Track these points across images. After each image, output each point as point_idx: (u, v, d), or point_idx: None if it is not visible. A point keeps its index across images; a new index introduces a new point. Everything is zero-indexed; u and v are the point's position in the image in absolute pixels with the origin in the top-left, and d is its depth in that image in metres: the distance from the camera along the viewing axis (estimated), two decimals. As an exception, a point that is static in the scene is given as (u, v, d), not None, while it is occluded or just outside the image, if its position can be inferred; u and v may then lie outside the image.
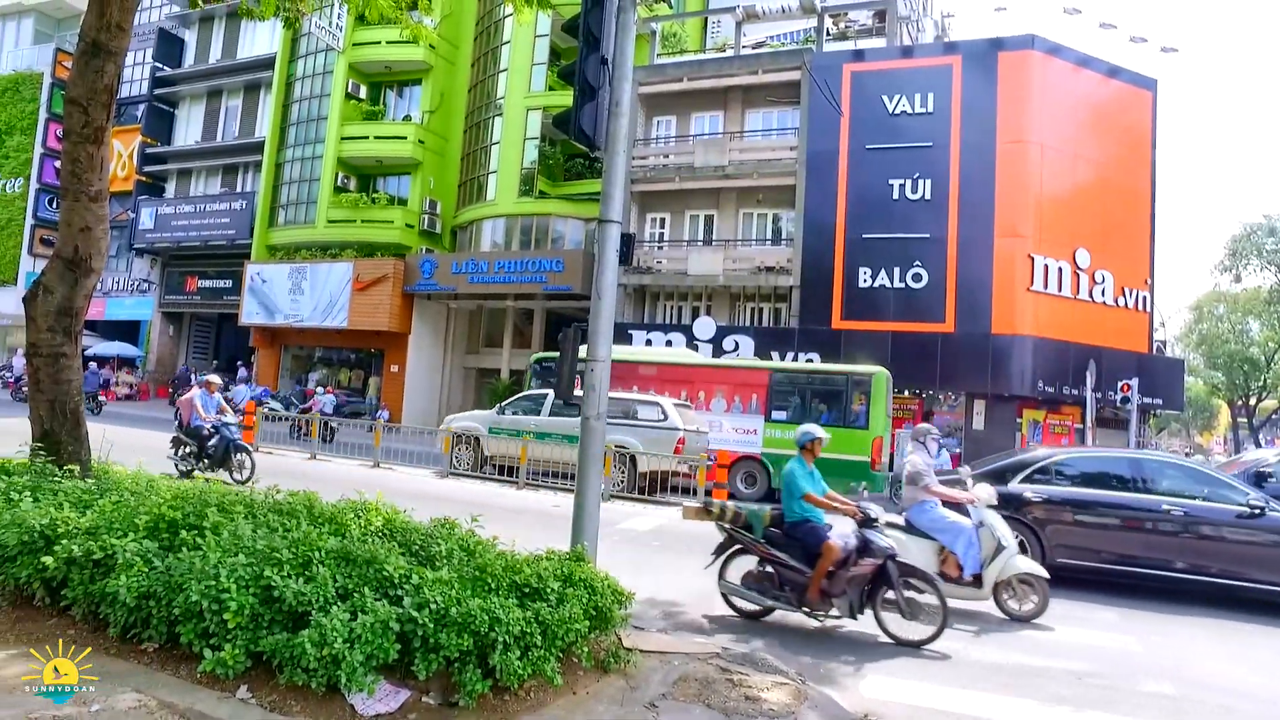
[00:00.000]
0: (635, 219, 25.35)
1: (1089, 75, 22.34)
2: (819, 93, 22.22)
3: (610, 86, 5.86)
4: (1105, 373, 20.19)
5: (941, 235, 21.11)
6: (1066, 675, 5.57)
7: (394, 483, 12.96)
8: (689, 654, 5.09)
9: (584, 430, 5.56)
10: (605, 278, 5.59)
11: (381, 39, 28.36)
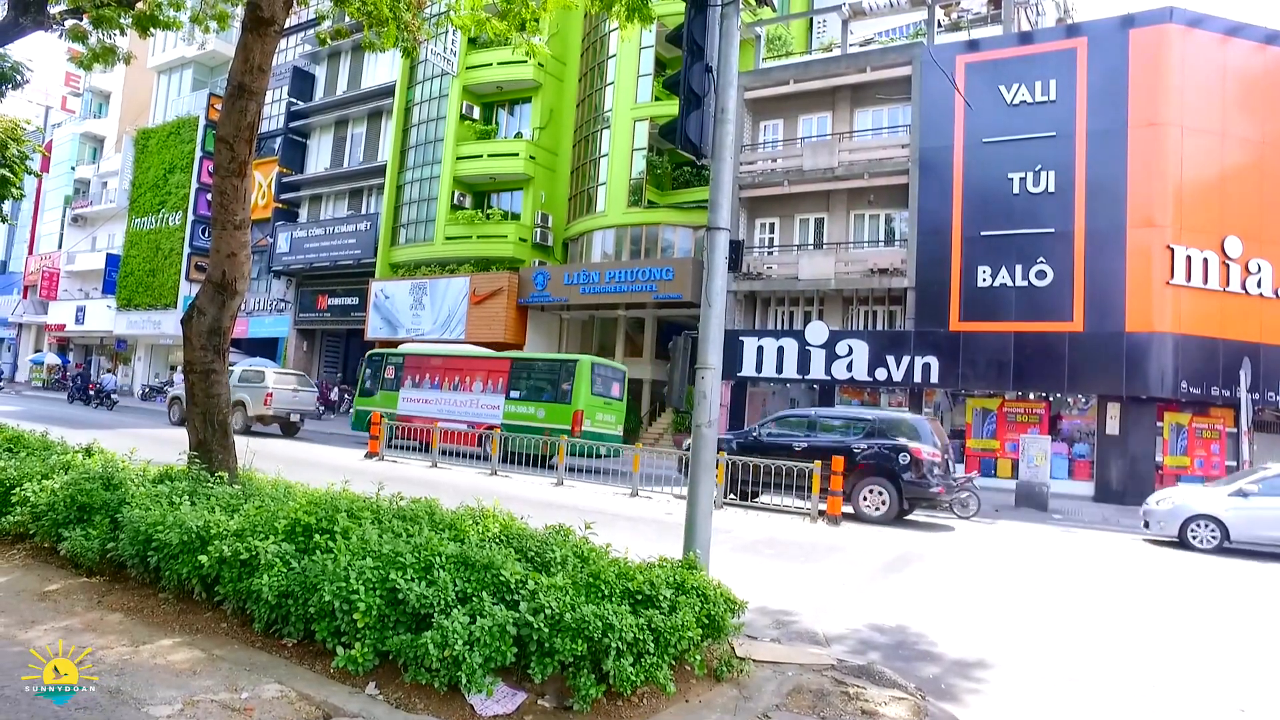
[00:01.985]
0: (744, 225, 25.22)
1: (1240, 44, 20.59)
2: (929, 88, 21.49)
3: (715, 94, 5.87)
4: (1264, 372, 18.60)
5: (1067, 229, 19.98)
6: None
7: (510, 490, 13.34)
8: (803, 664, 5.00)
9: (695, 438, 5.58)
10: (714, 285, 5.60)
11: (493, 60, 29.46)
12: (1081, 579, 9.49)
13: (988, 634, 6.45)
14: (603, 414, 19.44)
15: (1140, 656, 6.13)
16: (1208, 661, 6.15)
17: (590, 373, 19.23)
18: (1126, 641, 6.58)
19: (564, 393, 19.18)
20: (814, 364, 22.07)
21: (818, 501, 12.58)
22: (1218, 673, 5.85)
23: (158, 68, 44.24)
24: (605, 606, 3.92)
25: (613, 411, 19.99)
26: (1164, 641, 6.67)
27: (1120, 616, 7.56)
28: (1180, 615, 7.89)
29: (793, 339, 22.64)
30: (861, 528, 12.26)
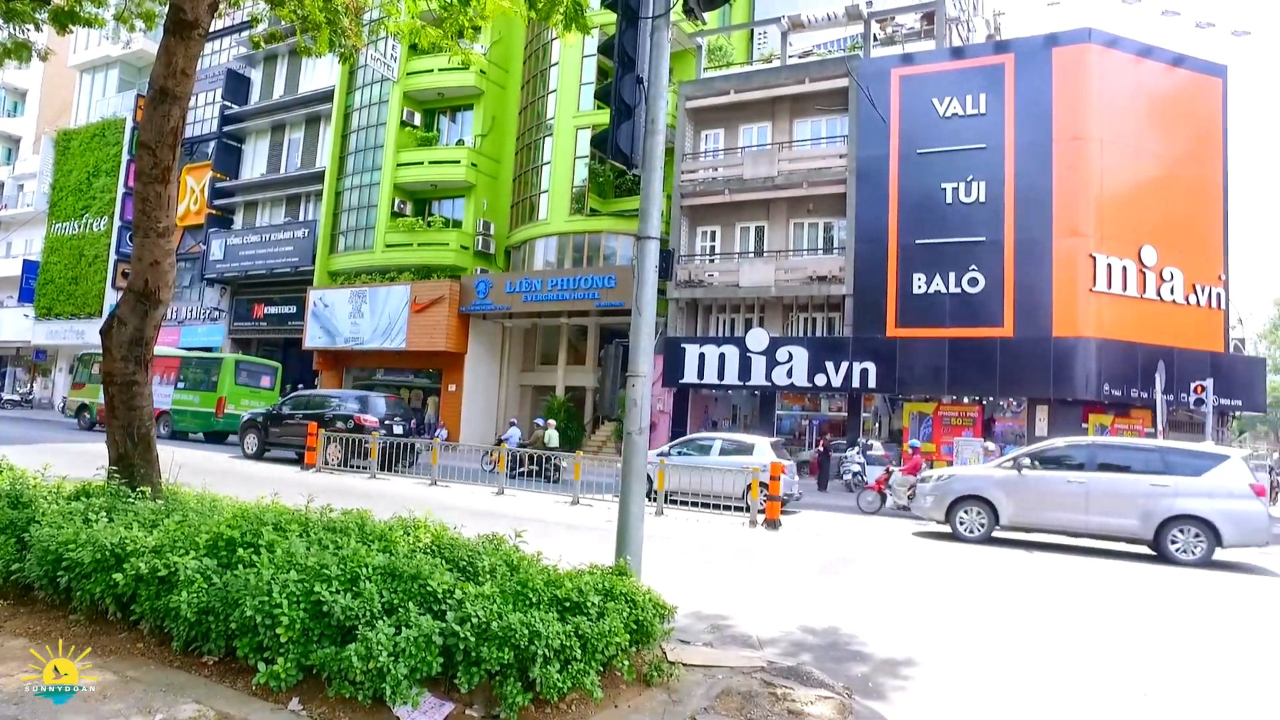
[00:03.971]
0: (685, 233, 25.45)
1: (1151, 66, 21.66)
2: (867, 99, 22.03)
3: (646, 105, 5.94)
4: (1177, 374, 19.46)
5: (998, 238, 20.67)
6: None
7: (450, 500, 13.21)
8: (734, 667, 5.08)
9: (626, 444, 5.62)
10: (645, 293, 5.65)
11: (434, 67, 29.20)
12: (1009, 577, 9.79)
13: (917, 633, 6.62)
14: (249, 400, 23.89)
15: (1059, 651, 6.35)
16: (1121, 657, 6.41)
17: (234, 368, 24.35)
18: (1050, 637, 6.81)
19: (214, 383, 23.94)
20: (755, 370, 22.36)
21: (757, 506, 12.75)
22: (1125, 665, 6.10)
23: (80, 66, 42.66)
24: (533, 614, 3.94)
25: (261, 399, 24.15)
26: (1088, 637, 6.93)
27: (1044, 614, 7.83)
28: (1109, 616, 8.20)
29: (734, 346, 22.91)
30: (800, 531, 12.45)
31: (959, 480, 12.92)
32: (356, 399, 19.21)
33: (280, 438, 19.11)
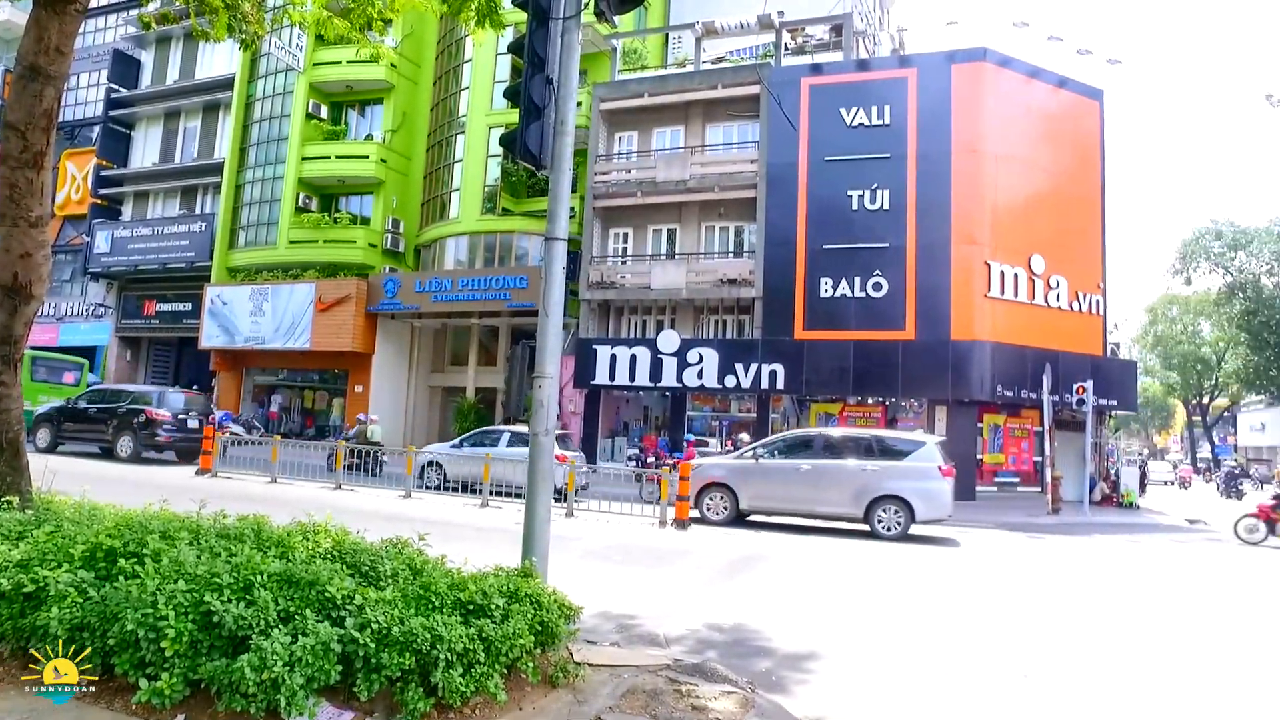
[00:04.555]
0: (598, 235, 25.47)
1: (1039, 86, 22.91)
2: (776, 106, 22.55)
3: (556, 106, 5.92)
4: (1062, 376, 20.61)
5: (900, 244, 21.46)
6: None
7: (355, 504, 12.85)
8: (640, 666, 5.11)
9: (533, 446, 5.59)
10: (552, 295, 5.63)
11: (342, 59, 28.32)
12: (908, 572, 10.17)
13: (820, 628, 6.81)
14: (47, 396, 22.53)
15: (953, 640, 6.64)
16: (1003, 638, 6.75)
17: (31, 364, 23.43)
18: (944, 628, 7.12)
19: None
20: (666, 372, 22.56)
21: (665, 507, 12.87)
22: (1012, 650, 6.43)
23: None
24: (435, 618, 3.87)
25: (64, 395, 22.75)
26: (985, 625, 7.27)
27: (947, 605, 8.17)
28: (1013, 599, 8.62)
29: (645, 347, 23.06)
30: (708, 531, 12.63)
31: (705, 469, 13.91)
32: (155, 394, 19.38)
33: (75, 432, 19.25)
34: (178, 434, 18.61)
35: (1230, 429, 69.32)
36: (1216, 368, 54.62)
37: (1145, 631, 7.39)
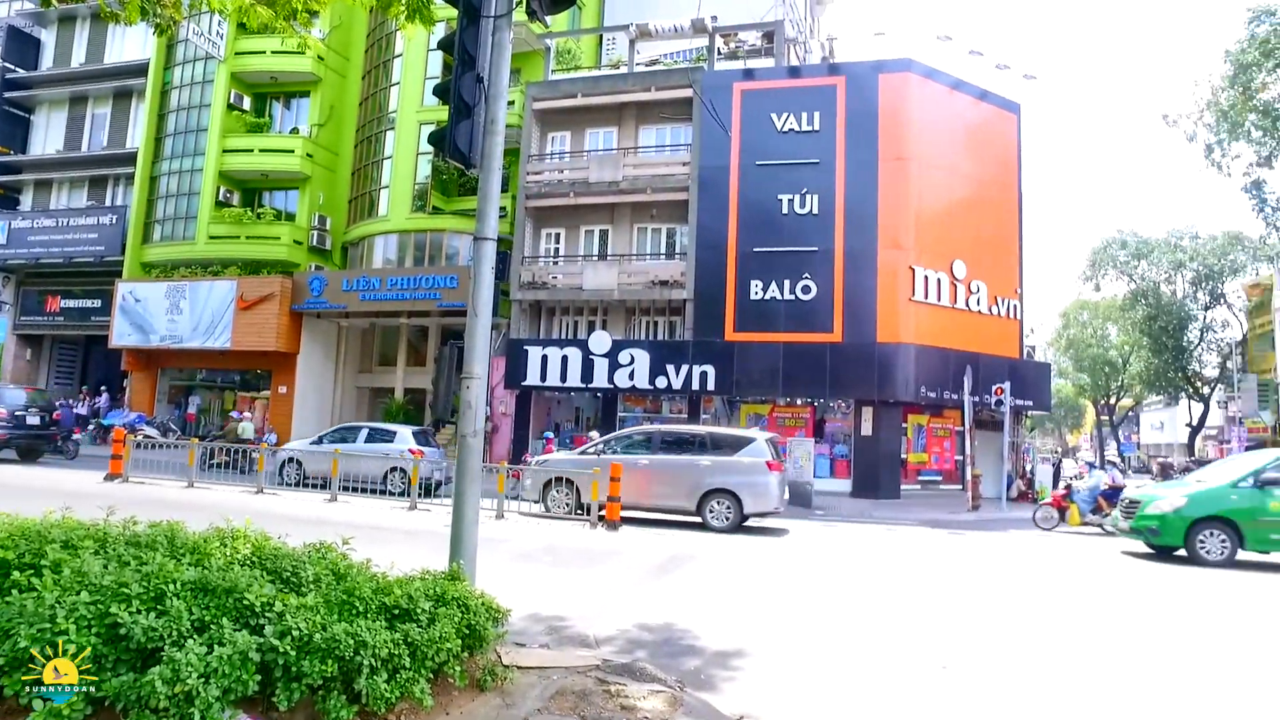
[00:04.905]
0: (530, 235, 25.32)
1: (961, 98, 23.71)
2: (709, 112, 22.78)
3: (486, 104, 5.87)
4: (982, 377, 21.35)
5: (829, 248, 21.92)
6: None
7: (278, 509, 12.47)
8: (569, 667, 5.11)
9: (460, 447, 5.53)
10: (481, 295, 5.58)
11: (266, 48, 27.48)
12: (835, 568, 10.40)
13: (748, 626, 6.91)
14: None
15: (874, 633, 6.82)
16: (936, 632, 6.97)
17: None
18: (867, 622, 7.30)
19: None
20: (597, 373, 22.57)
21: (596, 508, 12.87)
22: (938, 640, 6.65)
23: None
24: (359, 624, 3.79)
25: None
26: (901, 619, 7.47)
27: (869, 601, 8.38)
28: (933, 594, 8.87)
29: (577, 348, 23.03)
30: (639, 531, 12.68)
31: (551, 464, 14.43)
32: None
33: None
34: (16, 431, 18.16)
35: (1134, 427, 73.04)
36: (1122, 370, 57.47)
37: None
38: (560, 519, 13.40)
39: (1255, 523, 11.09)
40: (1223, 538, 11.25)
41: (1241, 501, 11.24)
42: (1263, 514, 11.08)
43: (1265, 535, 11.13)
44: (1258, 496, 11.20)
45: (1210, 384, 52.03)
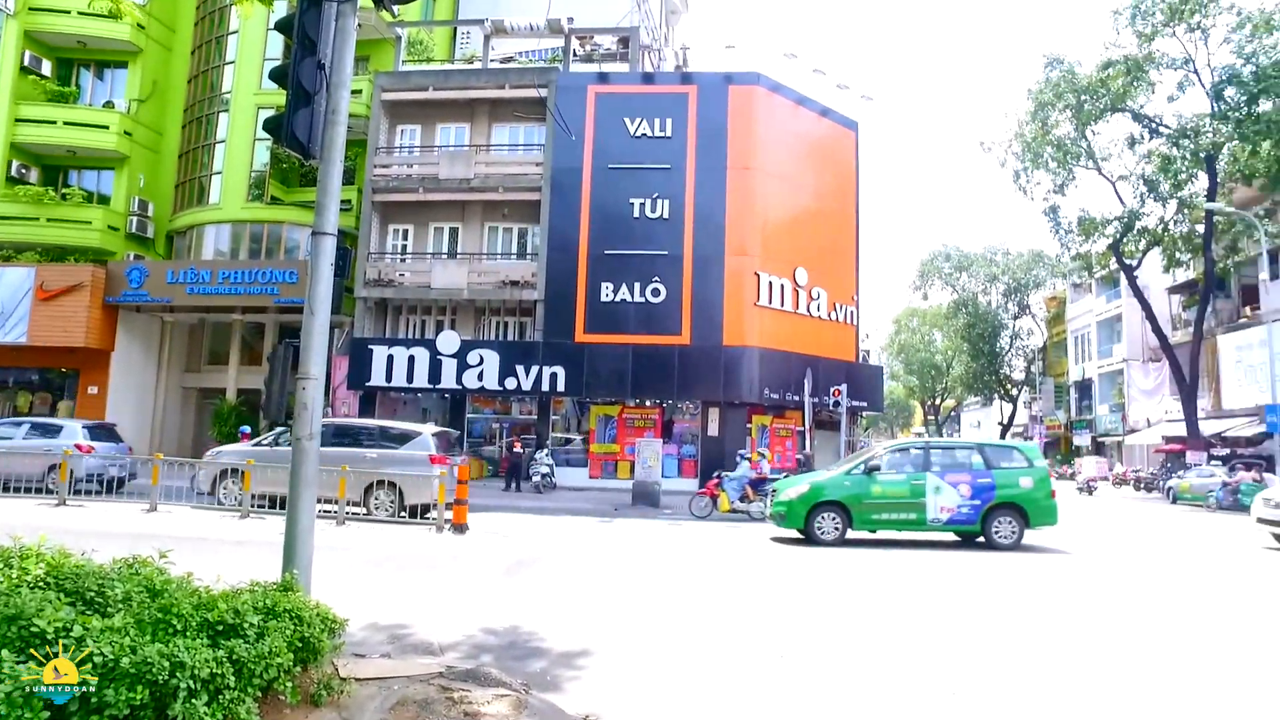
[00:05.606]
0: (376, 230, 24.42)
1: (805, 113, 24.96)
2: (565, 111, 22.82)
3: (328, 93, 5.61)
4: (821, 380, 22.55)
5: (678, 253, 22.47)
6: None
7: (85, 524, 11.36)
8: (411, 676, 4.97)
9: (296, 451, 5.25)
10: (319, 292, 5.32)
11: (71, 8, 24.90)
12: (676, 566, 10.65)
13: (594, 625, 6.95)
14: None
15: (716, 629, 7.05)
16: (783, 627, 7.28)
17: None
18: (705, 618, 7.53)
19: None
20: (445, 373, 22.10)
21: (443, 511, 12.59)
22: (778, 634, 6.95)
23: None
24: (177, 643, 3.52)
25: None
26: (741, 614, 7.75)
27: (707, 597, 8.63)
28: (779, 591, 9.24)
29: (424, 348, 22.44)
30: (486, 535, 12.50)
31: (222, 456, 14.44)
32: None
33: None
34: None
35: (957, 426, 79.44)
36: (946, 373, 62.46)
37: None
38: (397, 523, 12.98)
39: (861, 505, 12.39)
40: (835, 519, 12.42)
41: (852, 487, 12.50)
42: (867, 498, 12.41)
43: (869, 516, 12.43)
44: (865, 482, 12.51)
45: (1018, 386, 57.46)
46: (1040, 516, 12.56)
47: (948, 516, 12.39)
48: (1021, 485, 12.56)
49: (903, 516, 12.47)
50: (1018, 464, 12.88)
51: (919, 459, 12.92)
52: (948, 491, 12.42)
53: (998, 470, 12.63)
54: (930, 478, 12.51)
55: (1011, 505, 12.45)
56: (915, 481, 12.52)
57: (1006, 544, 12.32)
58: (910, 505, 12.40)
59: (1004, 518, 12.42)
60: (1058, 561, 11.39)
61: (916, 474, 12.61)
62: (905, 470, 12.73)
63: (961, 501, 12.39)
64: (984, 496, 12.40)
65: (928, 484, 12.46)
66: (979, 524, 12.44)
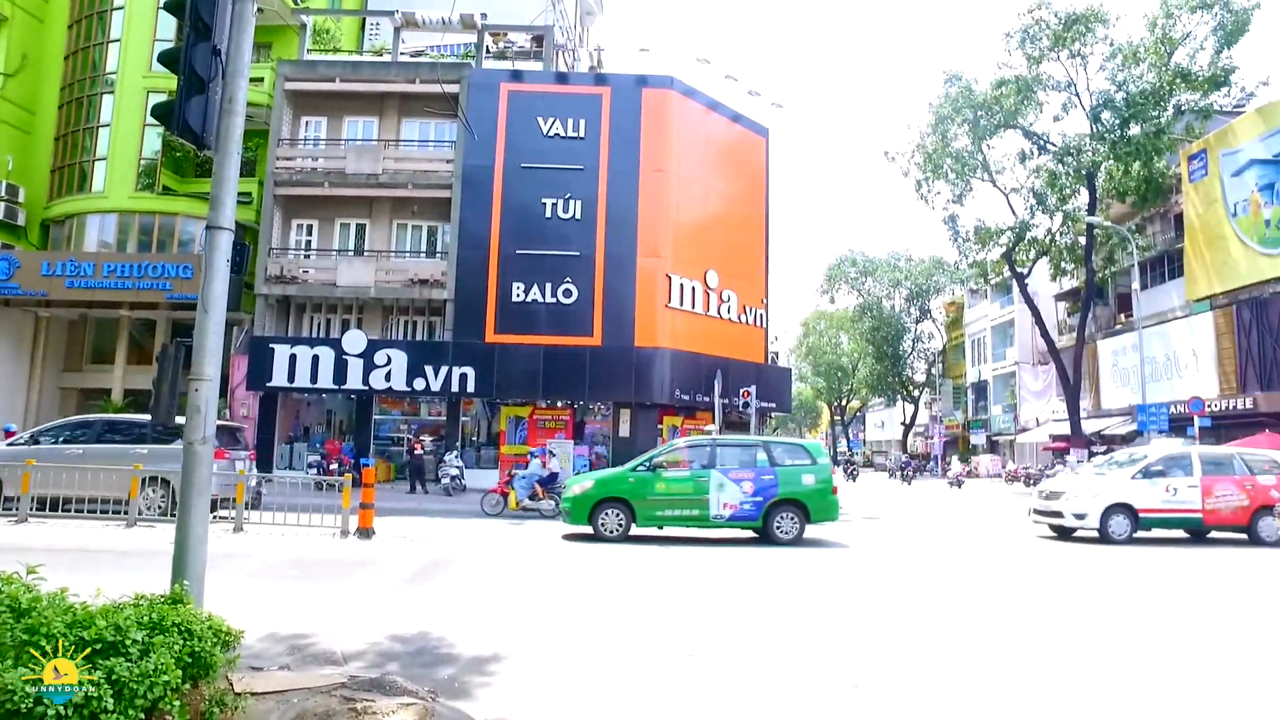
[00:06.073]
0: (279, 225, 23.51)
1: (717, 118, 25.32)
2: (475, 108, 22.50)
3: (224, 81, 5.35)
4: (731, 381, 22.92)
5: (590, 253, 22.46)
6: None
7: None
8: (311, 688, 4.79)
9: (188, 456, 4.99)
10: (214, 289, 5.07)
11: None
12: (584, 567, 10.63)
13: (505, 630, 6.86)
14: None
15: (624, 629, 7.07)
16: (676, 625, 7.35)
17: None
18: (615, 618, 7.54)
19: None
20: (351, 373, 21.48)
21: (348, 515, 12.20)
22: (679, 633, 7.02)
23: None
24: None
25: None
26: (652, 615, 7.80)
27: (612, 597, 8.64)
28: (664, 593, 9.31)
29: (329, 348, 21.75)
30: (394, 539, 12.19)
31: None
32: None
33: None
34: None
35: (862, 426, 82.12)
36: (852, 375, 64.49)
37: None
38: (300, 528, 12.51)
39: (644, 501, 12.62)
40: (619, 515, 12.59)
41: (635, 484, 12.75)
42: (650, 494, 12.67)
43: (652, 513, 12.63)
44: (649, 479, 12.78)
45: (919, 388, 59.83)
46: (821, 513, 12.87)
47: (730, 513, 12.58)
48: (804, 482, 12.80)
49: (686, 513, 12.63)
50: (802, 462, 13.13)
51: (706, 456, 13.08)
52: (731, 488, 12.60)
53: (782, 468, 12.86)
54: (715, 475, 12.65)
55: (793, 502, 12.70)
56: (699, 479, 12.67)
57: (787, 539, 12.56)
58: (693, 502, 12.56)
59: (785, 514, 12.67)
60: (829, 555, 11.82)
61: (701, 471, 12.76)
62: (692, 467, 12.92)
63: (744, 498, 12.59)
64: (766, 493, 12.63)
65: (711, 481, 12.61)
66: (761, 520, 12.64)
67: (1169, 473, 14.18)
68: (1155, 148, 28.01)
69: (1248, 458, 14.82)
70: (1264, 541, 13.86)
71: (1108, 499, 13.85)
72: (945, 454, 50.46)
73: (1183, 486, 13.99)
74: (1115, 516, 13.76)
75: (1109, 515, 13.75)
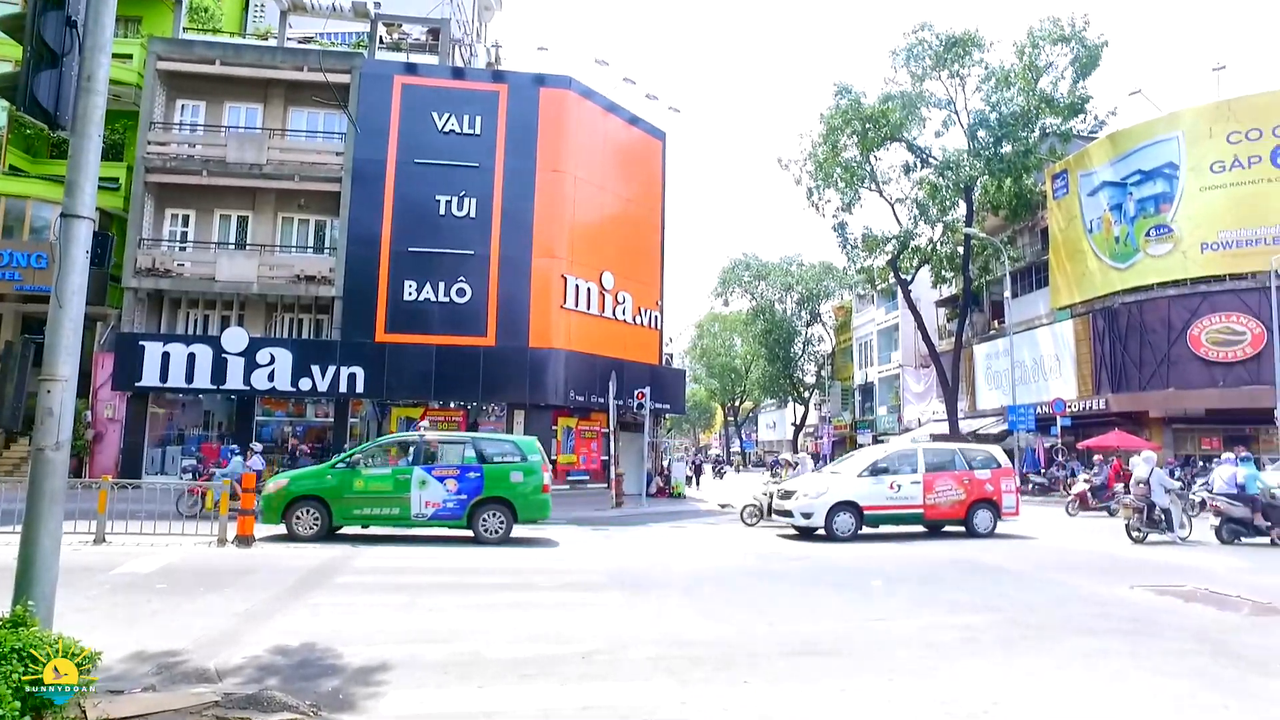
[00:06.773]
0: (151, 214, 22.10)
1: (614, 120, 25.38)
2: (367, 100, 21.83)
3: (81, 56, 4.93)
4: (626, 382, 23.00)
5: (485, 253, 22.12)
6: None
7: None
8: (179, 709, 4.50)
9: (37, 463, 4.58)
10: (70, 282, 4.67)
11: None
12: (484, 568, 10.46)
13: (393, 638, 6.63)
14: None
15: (509, 631, 6.97)
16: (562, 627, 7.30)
17: None
18: (505, 618, 7.43)
19: None
20: (231, 373, 20.42)
21: (226, 523, 11.57)
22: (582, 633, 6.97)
23: None
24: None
25: None
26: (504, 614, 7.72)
27: (495, 599, 8.52)
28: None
29: (207, 345, 20.60)
30: (278, 546, 11.65)
31: None
32: None
33: None
34: None
35: (754, 427, 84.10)
36: (745, 376, 65.94)
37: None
38: (172, 535, 11.78)
39: (343, 500, 12.19)
40: (315, 514, 12.18)
41: (333, 481, 12.31)
42: (349, 492, 12.24)
43: (351, 511, 12.32)
44: (347, 476, 12.37)
45: (810, 389, 61.76)
46: (529, 511, 12.76)
47: (433, 511, 12.38)
48: (511, 480, 12.64)
49: (386, 511, 12.34)
50: (511, 459, 12.94)
51: (411, 453, 12.89)
52: (434, 486, 12.40)
53: (489, 465, 12.69)
54: (417, 472, 12.42)
55: (500, 500, 12.55)
56: (400, 476, 12.41)
57: (494, 539, 12.40)
58: (393, 500, 12.29)
59: (490, 513, 12.51)
60: (532, 553, 11.90)
61: (403, 468, 12.52)
62: (396, 464, 12.71)
63: (448, 496, 12.40)
64: (471, 491, 12.46)
65: (413, 478, 12.36)
66: (465, 519, 12.47)
67: (896, 470, 14.44)
68: (1024, 166, 30.16)
69: (968, 454, 15.45)
70: (978, 533, 14.46)
71: (833, 498, 13.93)
72: (834, 453, 52.24)
73: (906, 483, 14.27)
74: (840, 515, 13.84)
75: (834, 513, 13.81)
